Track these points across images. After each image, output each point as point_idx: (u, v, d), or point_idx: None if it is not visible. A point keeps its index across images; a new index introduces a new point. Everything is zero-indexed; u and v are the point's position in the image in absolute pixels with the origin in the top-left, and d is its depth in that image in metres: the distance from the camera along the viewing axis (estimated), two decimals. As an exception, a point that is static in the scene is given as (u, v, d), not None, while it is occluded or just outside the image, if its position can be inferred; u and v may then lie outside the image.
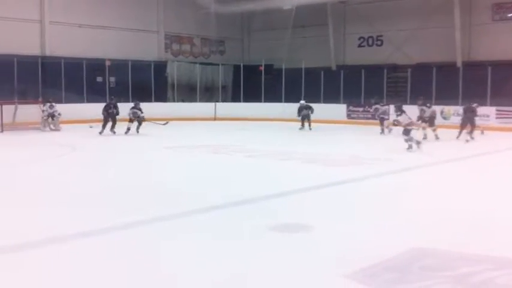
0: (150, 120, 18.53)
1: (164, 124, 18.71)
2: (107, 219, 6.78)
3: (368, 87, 24.63)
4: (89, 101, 22.96)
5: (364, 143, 16.42)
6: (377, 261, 5.16)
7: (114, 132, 17.78)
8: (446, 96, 21.78)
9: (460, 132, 16.67)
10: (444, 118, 21.40)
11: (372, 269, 4.98)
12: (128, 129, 17.94)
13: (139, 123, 18.16)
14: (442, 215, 7.19)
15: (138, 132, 17.85)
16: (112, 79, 25.48)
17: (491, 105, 20.82)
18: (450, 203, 7.91)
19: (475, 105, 17.18)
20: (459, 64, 23.89)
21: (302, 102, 20.68)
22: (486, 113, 20.33)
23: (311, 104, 20.65)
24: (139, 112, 18.09)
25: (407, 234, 6.22)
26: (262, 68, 27.41)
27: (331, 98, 24.87)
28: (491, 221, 6.84)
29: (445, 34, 24.20)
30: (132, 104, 18.49)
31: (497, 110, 20.42)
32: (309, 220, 6.79)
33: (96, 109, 18.94)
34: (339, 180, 9.74)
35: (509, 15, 23.65)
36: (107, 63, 24.34)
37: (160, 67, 27.29)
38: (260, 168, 11.15)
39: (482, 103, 20.63)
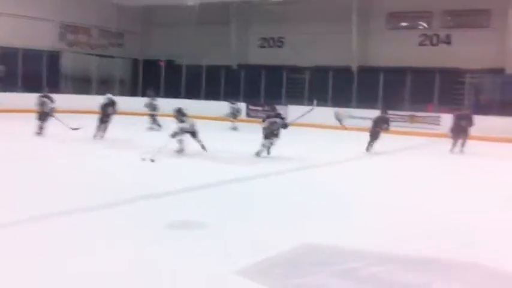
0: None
1: (74, 129, 14.88)
2: None
3: (268, 87, 24.99)
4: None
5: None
6: (268, 256, 5.17)
7: None
8: (342, 99, 22.58)
9: (453, 144, 14.80)
10: (338, 120, 22.12)
11: (262, 264, 4.98)
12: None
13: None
14: (332, 211, 7.38)
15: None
16: (1, 67, 23.89)
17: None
18: (341, 200, 8.14)
19: (468, 111, 15.40)
20: (354, 68, 24.88)
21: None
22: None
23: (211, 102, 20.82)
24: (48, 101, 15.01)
25: (298, 229, 6.30)
26: (163, 64, 26.91)
27: (231, 96, 24.92)
28: (379, 217, 7.10)
29: (343, 39, 25.08)
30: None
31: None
32: (203, 217, 6.68)
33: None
34: (235, 178, 9.72)
35: (402, 24, 24.98)
36: (-4, 51, 22.84)
37: (54, 57, 25.96)
38: (156, 165, 10.87)
39: (374, 106, 21.64)
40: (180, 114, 12.64)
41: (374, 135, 14.25)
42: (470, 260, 5.35)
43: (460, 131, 14.42)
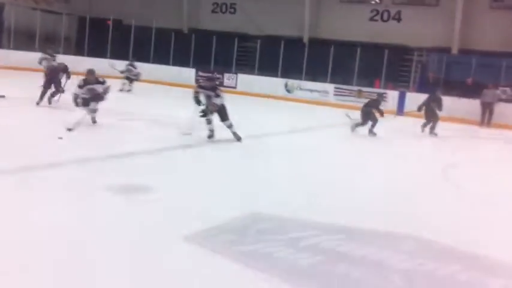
0: None
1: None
2: None
3: (218, 54, 24.74)
4: None
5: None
6: (215, 224, 5.18)
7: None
8: (292, 70, 22.64)
9: (424, 124, 14.59)
10: (288, 91, 22.27)
11: (209, 231, 5.00)
12: None
13: None
14: (283, 182, 7.44)
15: None
16: None
17: (330, 82, 21.98)
18: (291, 172, 8.22)
19: (438, 92, 14.99)
20: (305, 40, 24.92)
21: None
22: (326, 89, 21.56)
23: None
24: None
25: (247, 199, 6.34)
26: (110, 23, 26.11)
27: (180, 61, 24.57)
28: (327, 189, 7.23)
29: (296, 10, 24.99)
30: None
31: (336, 88, 21.64)
32: (150, 182, 6.61)
33: None
34: (185, 144, 9.63)
35: (355, -3, 25.11)
36: None
37: (-5, 9, 24.73)
38: (103, 128, 10.60)
39: (323, 80, 21.87)
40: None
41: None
42: (409, 231, 5.53)
43: (431, 114, 14.40)
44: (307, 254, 4.66)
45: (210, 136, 10.15)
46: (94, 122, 10.63)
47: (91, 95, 10.36)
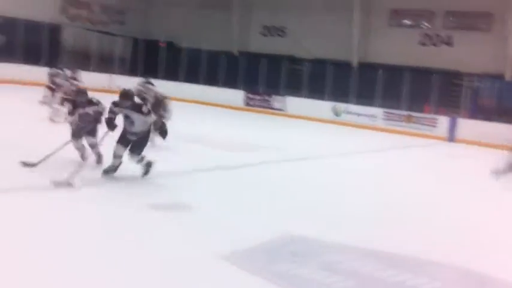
0: None
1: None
2: None
3: (267, 76, 24.97)
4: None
5: (260, 130, 16.61)
6: (250, 243, 5.24)
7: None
8: (340, 94, 22.57)
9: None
10: (335, 115, 22.20)
11: (244, 250, 5.05)
12: None
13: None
14: (318, 204, 7.44)
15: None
16: (2, 38, 23.75)
17: (379, 106, 21.79)
18: (328, 194, 8.20)
19: None
20: (354, 64, 24.87)
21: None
22: (374, 113, 21.36)
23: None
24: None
25: (283, 220, 6.36)
26: (164, 44, 26.84)
27: (229, 83, 24.94)
28: (365, 213, 7.17)
29: (345, 33, 25.01)
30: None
31: (385, 112, 21.41)
32: (190, 201, 6.74)
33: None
34: (230, 165, 9.77)
35: (405, 22, 24.94)
36: (-4, 20, 22.68)
37: (54, 30, 25.78)
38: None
39: (371, 104, 21.72)
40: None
41: None
42: (450, 260, 5.42)
43: None
44: (341, 277, 4.63)
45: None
46: (99, 162, 7.93)
47: (84, 123, 7.82)
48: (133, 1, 30.04)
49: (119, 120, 7.43)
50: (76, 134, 7.86)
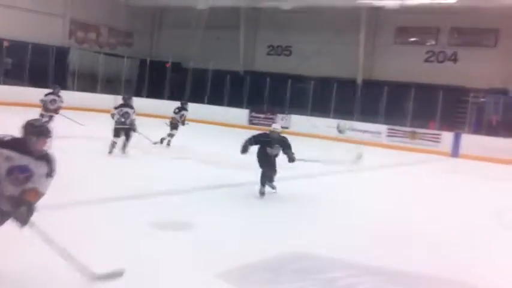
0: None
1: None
2: None
3: (272, 95, 25.10)
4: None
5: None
6: (251, 261, 5.26)
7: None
8: (344, 111, 22.62)
9: None
10: (339, 132, 22.22)
11: (244, 269, 5.07)
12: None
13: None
14: (321, 221, 7.45)
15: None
16: (9, 60, 24.07)
17: (383, 123, 21.80)
18: (331, 210, 8.21)
19: None
20: (359, 81, 24.96)
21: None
22: (378, 130, 21.37)
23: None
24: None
25: (284, 237, 6.40)
26: (169, 65, 27.09)
27: (234, 102, 25.08)
28: (367, 230, 7.17)
29: (350, 51, 25.16)
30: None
31: (389, 129, 21.42)
32: (193, 218, 6.78)
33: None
34: (233, 183, 9.83)
35: (410, 39, 25.06)
36: (5, 43, 22.97)
37: (62, 53, 26.11)
38: (151, 165, 10.96)
39: (376, 121, 21.74)
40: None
41: None
42: (452, 276, 5.41)
43: None
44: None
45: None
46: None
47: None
48: (141, 23, 30.43)
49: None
50: None
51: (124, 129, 11.21)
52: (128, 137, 11.30)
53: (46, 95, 14.54)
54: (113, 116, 11.27)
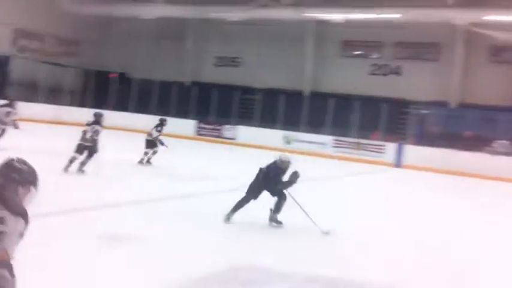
0: None
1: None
2: None
3: (220, 106, 24.99)
4: None
5: (211, 159, 16.48)
6: (200, 275, 5.17)
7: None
8: (292, 122, 22.75)
9: None
10: (286, 143, 22.31)
11: (196, 282, 4.99)
12: None
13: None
14: (268, 233, 7.37)
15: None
16: None
17: (329, 134, 22.02)
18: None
19: None
20: (306, 93, 25.19)
21: None
22: (324, 141, 21.56)
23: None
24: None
25: (233, 249, 6.34)
26: (115, 75, 26.62)
27: (182, 113, 24.83)
28: (308, 241, 7.16)
29: (298, 64, 25.42)
30: None
31: (334, 140, 21.64)
32: (143, 232, 6.60)
33: None
34: (180, 194, 9.66)
35: (355, 52, 25.52)
36: None
37: (2, 62, 25.26)
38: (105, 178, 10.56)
39: (322, 132, 21.93)
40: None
41: None
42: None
43: None
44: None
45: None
46: None
47: None
48: (87, 33, 29.71)
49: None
50: None
51: (87, 147, 10.76)
52: (90, 155, 10.81)
53: (0, 106, 13.83)
54: (85, 133, 10.78)
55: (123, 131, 22.86)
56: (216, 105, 25.07)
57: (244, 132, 23.16)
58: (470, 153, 18.47)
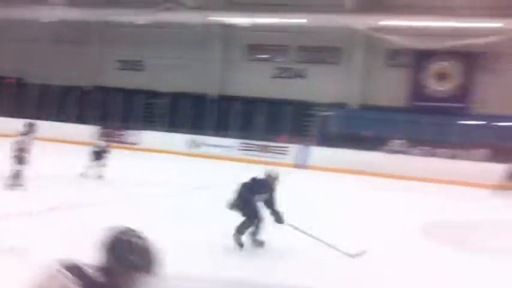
0: None
1: None
2: None
3: (122, 111, 24.36)
4: None
5: (113, 165, 15.95)
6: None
7: None
8: (199, 126, 22.61)
9: None
10: (193, 147, 22.15)
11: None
12: None
13: None
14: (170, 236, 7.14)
15: None
16: None
17: (235, 137, 22.11)
18: (181, 224, 7.99)
19: None
20: (213, 96, 25.15)
21: None
22: (230, 144, 21.59)
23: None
24: None
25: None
26: (12, 81, 25.22)
27: (83, 118, 23.96)
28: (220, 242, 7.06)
29: (204, 67, 25.33)
30: None
31: (241, 143, 21.74)
32: (31, 243, 6.16)
33: None
34: (76, 202, 9.25)
35: (261, 56, 25.78)
36: None
37: None
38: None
39: (229, 135, 21.96)
40: None
41: None
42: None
43: None
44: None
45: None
46: None
47: None
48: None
49: None
50: None
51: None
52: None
53: None
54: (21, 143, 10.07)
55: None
56: (119, 110, 24.40)
57: (149, 137, 22.72)
58: (369, 153, 19.18)
